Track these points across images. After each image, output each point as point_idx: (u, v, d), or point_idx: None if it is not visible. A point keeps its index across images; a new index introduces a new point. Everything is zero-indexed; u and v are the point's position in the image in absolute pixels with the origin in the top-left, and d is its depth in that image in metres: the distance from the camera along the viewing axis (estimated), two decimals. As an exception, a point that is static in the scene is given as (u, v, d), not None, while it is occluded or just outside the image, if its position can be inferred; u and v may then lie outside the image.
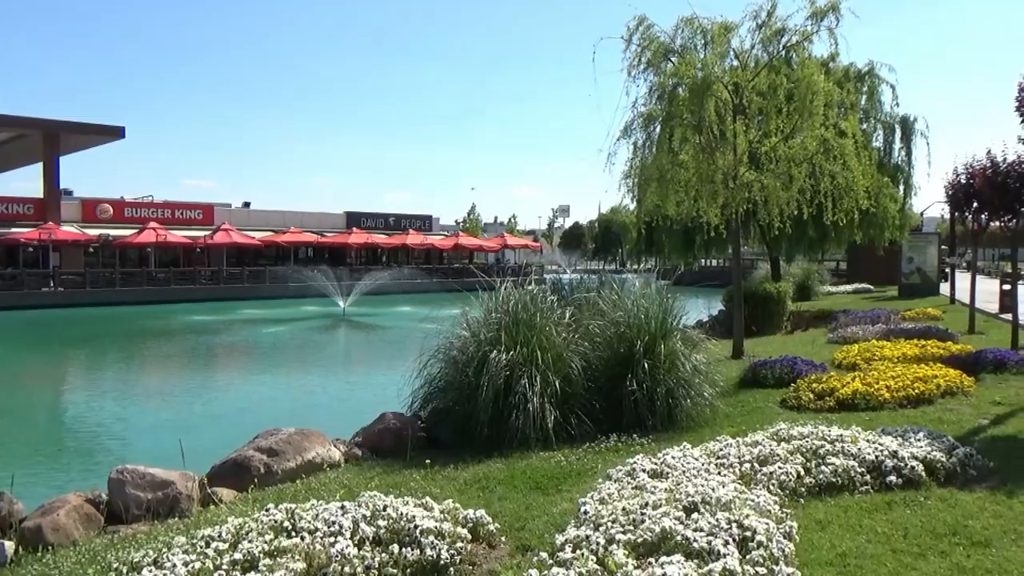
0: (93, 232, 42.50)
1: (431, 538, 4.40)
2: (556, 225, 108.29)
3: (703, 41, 13.44)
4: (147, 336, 29.11)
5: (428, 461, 6.81)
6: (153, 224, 44.11)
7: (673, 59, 13.29)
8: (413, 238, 55.23)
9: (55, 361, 23.23)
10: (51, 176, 42.39)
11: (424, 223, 60.59)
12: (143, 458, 6.82)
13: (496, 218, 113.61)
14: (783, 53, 14.20)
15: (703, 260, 36.39)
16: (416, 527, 4.50)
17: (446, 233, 62.33)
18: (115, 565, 4.47)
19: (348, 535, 4.45)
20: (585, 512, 4.64)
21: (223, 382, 19.03)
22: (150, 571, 4.12)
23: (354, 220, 55.98)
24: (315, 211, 55.74)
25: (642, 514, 4.30)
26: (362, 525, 4.57)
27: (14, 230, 39.83)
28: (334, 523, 4.57)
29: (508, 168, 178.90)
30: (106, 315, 34.01)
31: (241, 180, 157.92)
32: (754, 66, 13.43)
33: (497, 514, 5.22)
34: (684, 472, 5.33)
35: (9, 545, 5.15)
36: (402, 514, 4.69)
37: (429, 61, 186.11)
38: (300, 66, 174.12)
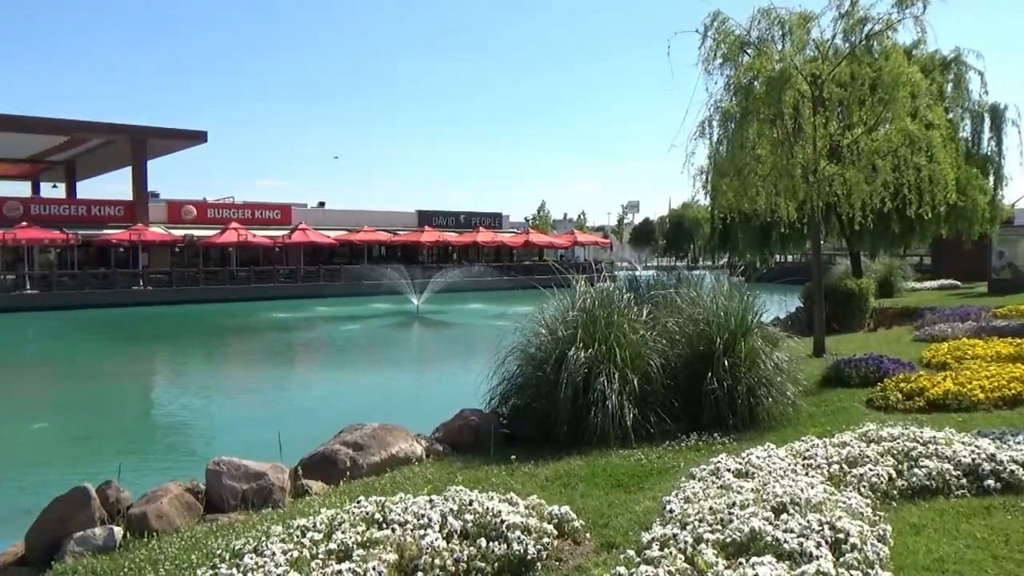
0: (179, 233, 44.28)
1: (518, 533, 4.47)
2: (626, 221, 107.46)
3: (781, 33, 13.16)
4: (230, 333, 30.22)
5: (513, 457, 6.90)
6: (235, 224, 45.67)
7: (749, 52, 13.05)
8: (484, 236, 55.65)
9: (147, 357, 24.34)
10: (140, 179, 44.36)
11: (494, 221, 60.95)
12: (226, 450, 7.10)
13: (565, 215, 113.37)
14: (865, 42, 13.77)
15: (779, 256, 35.51)
16: (502, 522, 4.59)
17: (516, 231, 62.53)
18: (218, 552, 4.69)
19: (437, 528, 4.57)
20: (671, 511, 4.64)
21: (304, 378, 19.60)
22: (251, 558, 4.32)
23: (425, 218, 56.74)
24: (387, 210, 56.71)
25: (730, 514, 4.27)
26: (450, 519, 4.68)
27: (106, 231, 41.84)
28: (423, 516, 4.69)
29: (573, 165, 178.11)
30: (191, 312, 35.44)
31: (311, 180, 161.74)
32: (834, 56, 13.06)
33: (580, 511, 5.26)
34: (770, 472, 5.27)
35: (118, 531, 5.46)
36: (488, 509, 4.78)
37: (492, 59, 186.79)
38: (365, 67, 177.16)
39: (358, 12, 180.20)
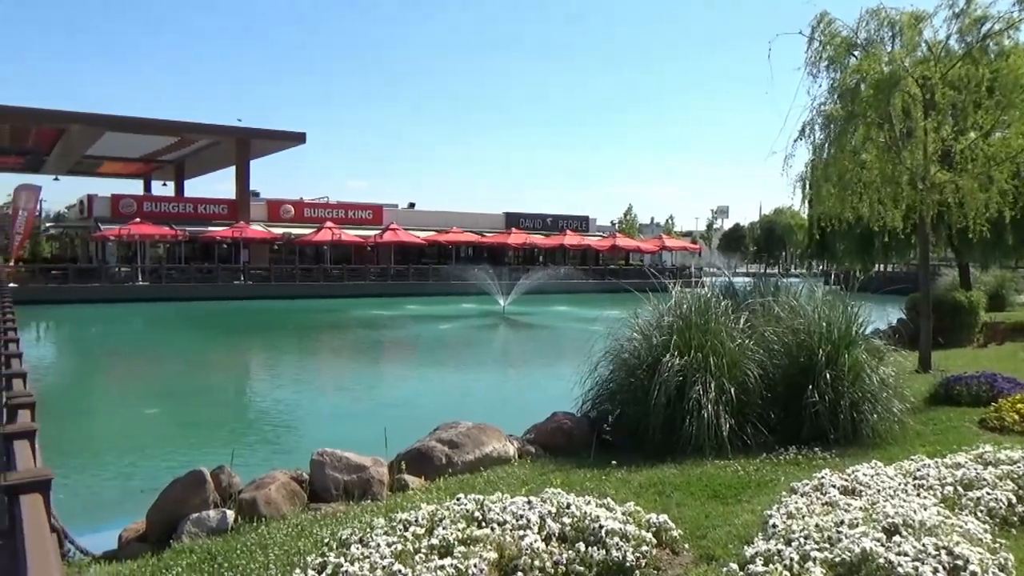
0: (277, 231, 46.02)
1: (616, 539, 4.48)
2: (715, 226, 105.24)
3: (890, 33, 12.66)
4: (325, 328, 31.22)
5: (614, 463, 6.91)
6: (329, 223, 47.14)
7: (856, 54, 12.62)
8: (570, 238, 55.57)
9: (248, 349, 25.43)
10: (243, 179, 46.34)
11: (581, 224, 60.79)
12: (320, 441, 7.34)
13: (652, 219, 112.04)
14: (981, 42, 13.09)
15: (880, 265, 34.06)
16: (600, 527, 4.60)
17: (602, 234, 62.17)
18: (325, 540, 4.88)
19: (535, 530, 4.62)
20: (774, 525, 4.55)
21: (393, 374, 20.07)
22: (357, 548, 4.47)
23: (512, 220, 57.10)
24: (475, 212, 57.34)
25: (838, 532, 4.16)
26: (548, 521, 4.72)
27: (211, 228, 43.89)
28: (522, 517, 4.75)
29: (660, 168, 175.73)
30: (287, 307, 36.76)
31: (399, 181, 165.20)
32: (947, 57, 12.47)
33: (677, 520, 5.21)
34: (879, 491, 5.09)
35: (230, 514, 5.74)
36: (586, 513, 4.80)
37: (577, 61, 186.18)
38: (451, 68, 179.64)
39: (442, 13, 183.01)
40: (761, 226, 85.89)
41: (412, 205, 61.39)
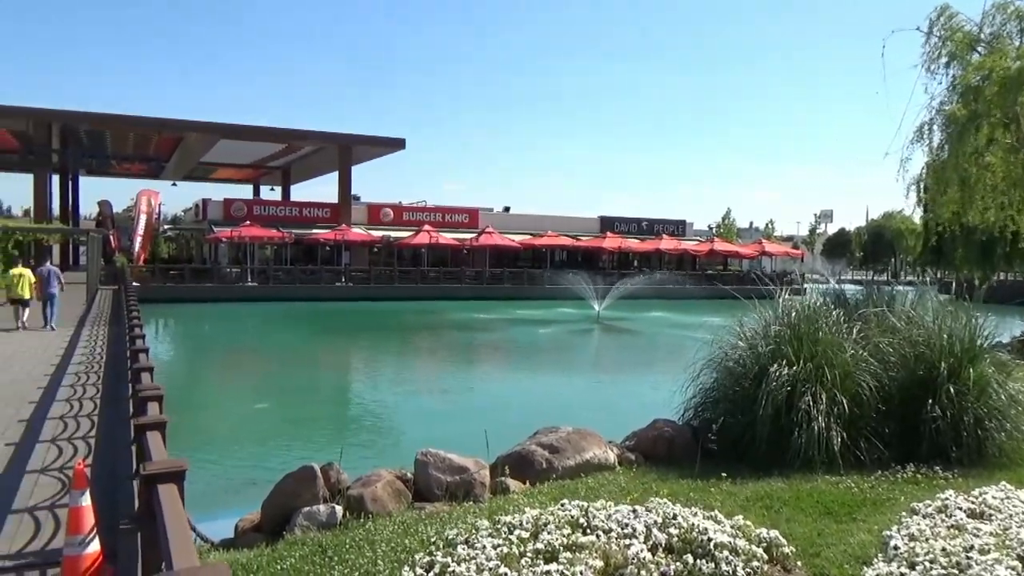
0: (377, 233, 47.26)
1: (725, 553, 4.36)
2: (818, 231, 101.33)
3: (1019, 27, 11.92)
4: (423, 329, 31.83)
5: (724, 475, 6.76)
6: (427, 226, 48.07)
7: (980, 50, 11.93)
8: (667, 243, 54.72)
9: (349, 348, 26.20)
10: (345, 183, 47.85)
11: (677, 228, 59.76)
12: (420, 441, 7.46)
13: (751, 223, 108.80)
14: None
15: (1003, 274, 31.97)
16: (709, 539, 4.49)
17: (700, 239, 60.92)
18: (432, 539, 4.96)
19: (641, 539, 4.56)
20: (895, 547, 4.33)
21: (490, 377, 20.24)
22: (463, 549, 4.52)
23: (607, 224, 56.68)
24: (569, 215, 57.23)
25: (967, 558, 3.92)
26: (654, 531, 4.65)
27: (315, 231, 45.50)
28: (627, 525, 4.70)
29: (759, 172, 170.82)
30: (386, 308, 37.68)
31: (495, 183, 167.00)
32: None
33: (788, 536, 5.03)
34: (1011, 516, 4.77)
35: (339, 509, 5.92)
36: (693, 525, 4.71)
37: (673, 61, 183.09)
38: (548, 69, 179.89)
39: (539, 15, 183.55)
40: (868, 231, 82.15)
41: (507, 208, 61.88)
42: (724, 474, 6.87)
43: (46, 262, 21.29)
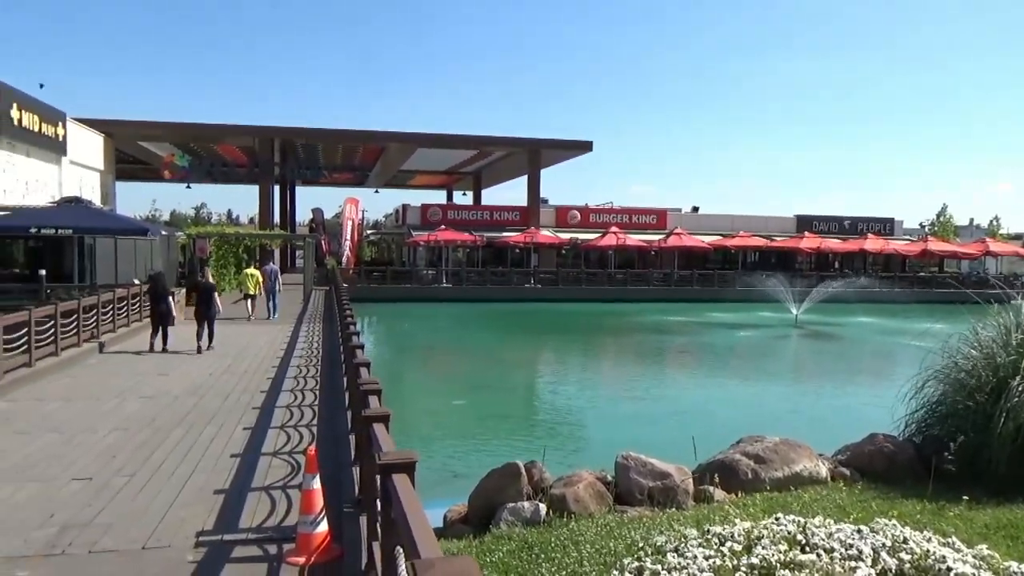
0: (564, 236, 47.78)
1: (969, 585, 3.94)
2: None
3: None
4: (613, 331, 31.73)
5: (965, 499, 6.12)
6: (614, 228, 47.90)
7: None
8: (872, 243, 50.71)
9: (539, 348, 26.64)
10: (534, 187, 48.84)
11: (884, 227, 55.19)
12: (616, 444, 7.38)
13: (972, 220, 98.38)
14: None
15: None
16: (948, 569, 4.08)
17: (910, 238, 55.91)
18: (640, 544, 4.90)
19: (868, 563, 4.22)
20: None
21: (682, 381, 19.74)
22: (673, 557, 4.42)
23: (805, 224, 53.50)
24: (763, 215, 54.65)
25: None
26: (883, 555, 4.30)
27: (505, 234, 46.82)
28: (852, 546, 4.38)
29: (979, 166, 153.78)
30: (574, 310, 37.97)
31: (682, 184, 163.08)
32: None
33: (1043, 573, 4.45)
34: None
35: (542, 507, 6.01)
36: (928, 551, 4.29)
37: (871, 52, 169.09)
38: (736, 70, 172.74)
39: (725, 15, 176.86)
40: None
41: (696, 209, 60.29)
42: (954, 496, 6.23)
43: (269, 263, 24.62)
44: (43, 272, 20.97)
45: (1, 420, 8.92)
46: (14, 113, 25.58)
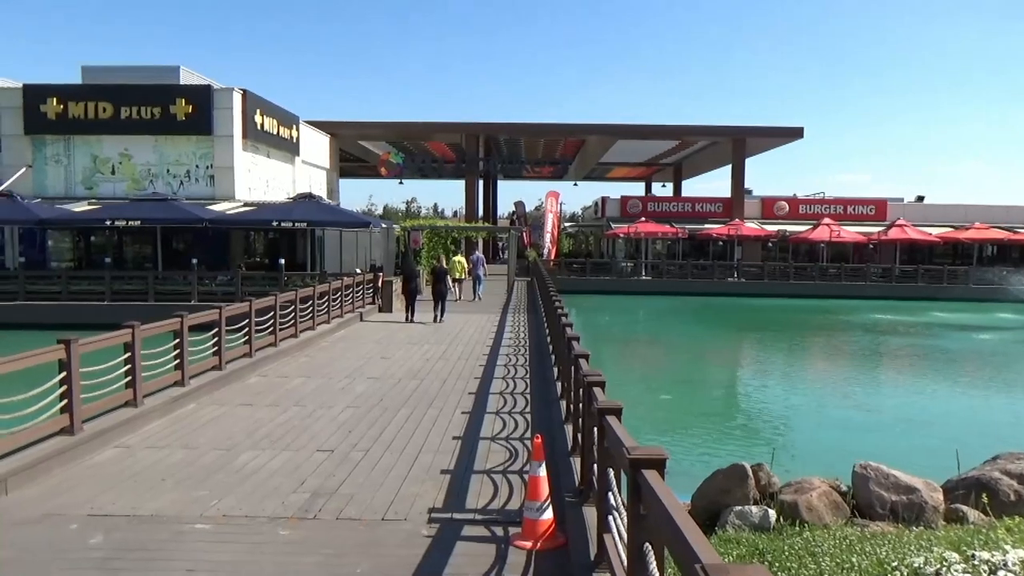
0: (771, 228, 45.47)
1: None
2: None
3: None
4: (827, 329, 29.68)
5: None
6: (827, 220, 44.85)
7: None
8: None
9: (746, 345, 25.55)
10: (738, 177, 46.88)
11: None
12: (841, 452, 6.81)
13: None
14: None
15: None
16: None
17: None
18: (893, 564, 4.49)
19: None
20: None
21: (917, 387, 17.89)
22: (935, 582, 4.00)
23: (1057, 213, 47.05)
24: (1002, 204, 48.69)
25: None
26: None
27: (707, 226, 45.39)
28: None
29: None
30: (781, 306, 36.06)
31: (904, 172, 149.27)
32: None
33: None
34: None
35: (772, 513, 5.70)
36: None
37: None
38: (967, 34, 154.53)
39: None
40: None
41: (921, 198, 54.99)
42: None
43: (475, 252, 27.79)
44: (282, 261, 23.32)
45: (257, 392, 9.98)
46: (258, 118, 28.56)
